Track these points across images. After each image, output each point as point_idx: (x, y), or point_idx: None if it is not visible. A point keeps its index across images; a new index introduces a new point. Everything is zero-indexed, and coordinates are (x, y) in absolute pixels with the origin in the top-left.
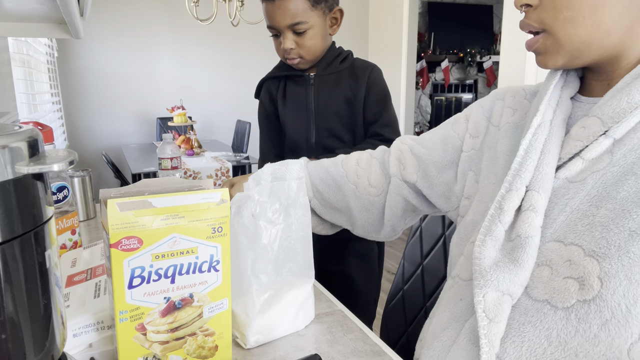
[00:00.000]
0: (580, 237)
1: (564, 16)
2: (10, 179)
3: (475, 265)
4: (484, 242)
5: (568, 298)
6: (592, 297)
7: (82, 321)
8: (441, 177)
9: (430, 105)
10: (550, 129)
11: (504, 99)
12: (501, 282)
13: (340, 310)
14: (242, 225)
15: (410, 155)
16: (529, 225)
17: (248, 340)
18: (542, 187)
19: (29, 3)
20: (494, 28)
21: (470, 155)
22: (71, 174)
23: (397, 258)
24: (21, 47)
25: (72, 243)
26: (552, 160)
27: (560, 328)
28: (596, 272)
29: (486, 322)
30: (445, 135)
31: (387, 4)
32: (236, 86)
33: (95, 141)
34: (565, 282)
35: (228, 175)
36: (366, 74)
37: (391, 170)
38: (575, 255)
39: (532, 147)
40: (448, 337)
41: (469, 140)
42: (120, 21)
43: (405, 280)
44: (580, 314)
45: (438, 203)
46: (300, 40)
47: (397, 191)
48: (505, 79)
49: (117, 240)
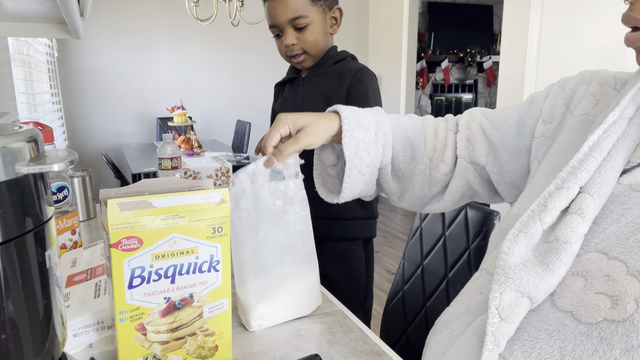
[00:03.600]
0: (628, 253)
1: None
2: (10, 179)
3: (500, 259)
4: (516, 238)
5: (595, 314)
6: (622, 319)
7: (82, 321)
8: (513, 164)
9: (431, 105)
10: (628, 127)
11: (590, 83)
12: (524, 283)
13: (340, 310)
14: (241, 219)
15: (481, 135)
16: (571, 230)
17: (251, 325)
18: (598, 191)
19: (29, 3)
20: (494, 28)
21: (539, 143)
22: (71, 174)
23: (397, 258)
24: (21, 47)
25: (72, 243)
26: (618, 163)
27: (578, 343)
28: (635, 294)
29: (497, 319)
30: (522, 116)
31: (387, 4)
32: (236, 86)
33: (95, 141)
34: (597, 298)
35: (228, 175)
36: (350, 75)
37: (459, 150)
38: (616, 271)
39: (599, 145)
40: (458, 327)
41: (541, 126)
42: (120, 21)
43: (405, 280)
44: (605, 334)
45: (504, 191)
46: (301, 36)
47: (462, 174)
48: (505, 79)
49: (117, 240)
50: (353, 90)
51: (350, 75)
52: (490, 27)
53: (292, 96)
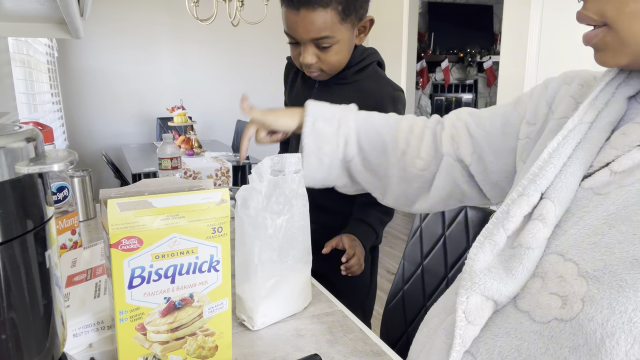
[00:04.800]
0: (581, 254)
1: (631, 9)
2: (10, 179)
3: (467, 265)
4: (482, 244)
5: (547, 314)
6: (569, 318)
7: (82, 321)
8: (498, 164)
9: (430, 105)
10: (589, 132)
11: (571, 84)
12: (488, 288)
13: (340, 310)
14: (249, 217)
15: (466, 134)
16: (533, 236)
17: (255, 323)
18: (559, 196)
19: (29, 3)
20: (494, 28)
21: (524, 145)
22: (71, 174)
23: (397, 258)
24: (21, 47)
25: (72, 243)
26: (579, 168)
27: (532, 342)
28: (581, 294)
29: (464, 323)
30: (508, 116)
31: (387, 4)
32: (236, 86)
33: (95, 141)
34: (549, 298)
35: (228, 175)
36: (373, 102)
37: (444, 148)
38: (568, 273)
39: (558, 152)
40: (434, 325)
41: (525, 128)
42: (120, 21)
43: (405, 280)
44: (554, 333)
45: (489, 192)
46: (323, 55)
47: (449, 171)
48: (505, 79)
49: (117, 240)
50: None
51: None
52: (490, 27)
53: (304, 95)
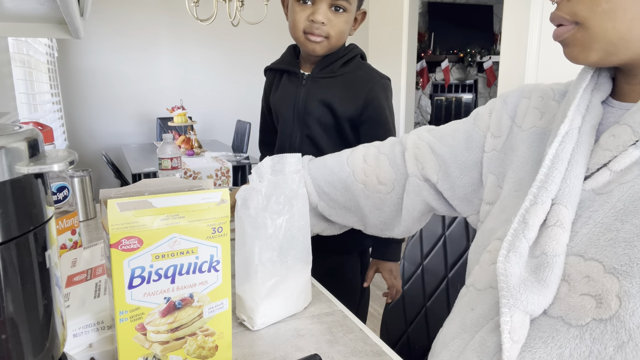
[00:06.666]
0: (602, 252)
1: (603, 9)
2: (10, 179)
3: (501, 282)
4: (507, 258)
5: (583, 316)
6: (609, 316)
7: (82, 321)
8: (464, 179)
9: (431, 105)
10: (579, 137)
11: (530, 97)
12: (530, 302)
13: (340, 311)
14: (249, 217)
15: (430, 154)
16: (556, 242)
17: (255, 323)
18: (570, 200)
19: (29, 3)
20: (494, 28)
21: (491, 157)
22: (71, 174)
23: None
24: (21, 47)
25: (72, 243)
26: (579, 171)
27: (574, 347)
28: (615, 291)
29: (510, 344)
30: (469, 132)
31: (387, 4)
32: (236, 86)
33: (95, 141)
34: (582, 299)
35: (228, 175)
36: (365, 88)
37: (409, 169)
38: (594, 272)
39: (559, 157)
40: (456, 347)
41: (491, 140)
42: (120, 21)
43: (405, 280)
44: (596, 334)
45: (459, 206)
46: (334, 18)
47: (416, 191)
48: (506, 79)
49: (117, 240)
50: (369, 107)
51: (364, 89)
52: (490, 27)
53: (292, 93)
